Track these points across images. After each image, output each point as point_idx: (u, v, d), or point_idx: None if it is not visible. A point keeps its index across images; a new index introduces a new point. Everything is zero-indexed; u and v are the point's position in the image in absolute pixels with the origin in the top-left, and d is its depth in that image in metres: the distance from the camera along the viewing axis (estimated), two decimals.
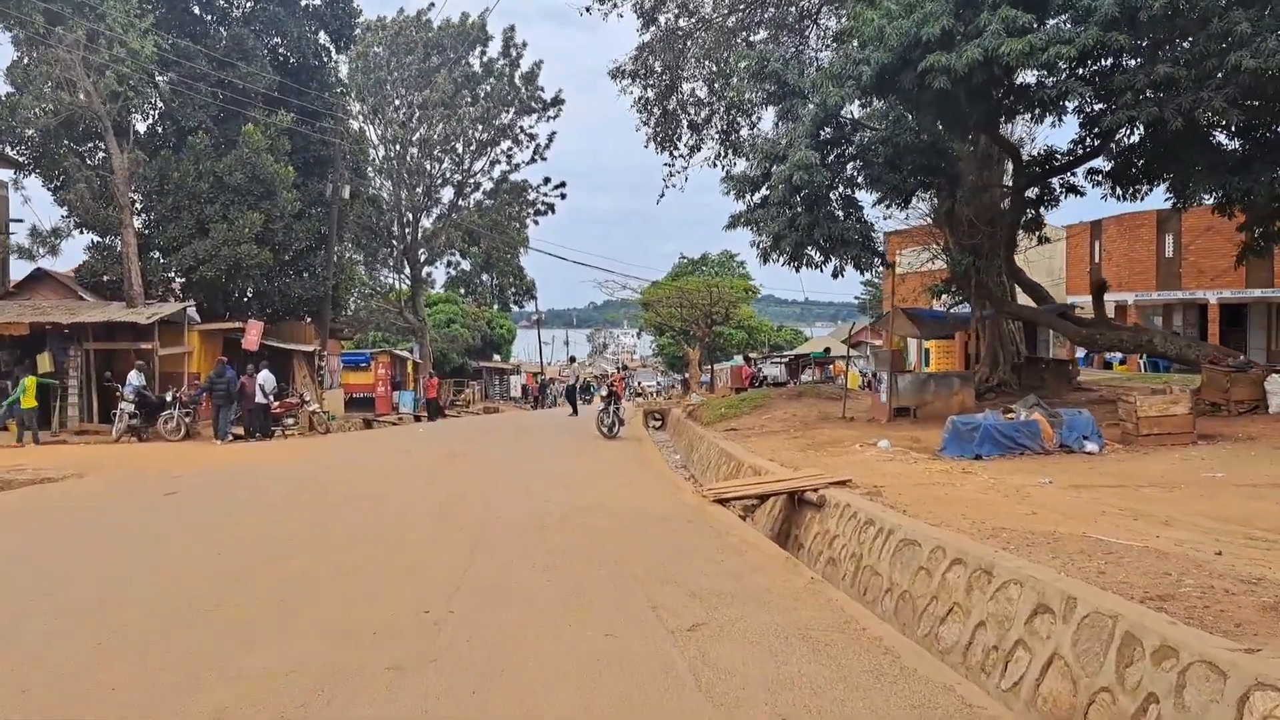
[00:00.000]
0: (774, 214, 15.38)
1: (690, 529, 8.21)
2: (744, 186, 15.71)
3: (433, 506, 9.09)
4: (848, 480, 10.15)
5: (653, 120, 26.14)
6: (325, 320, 26.92)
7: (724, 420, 20.59)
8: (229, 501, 9.92)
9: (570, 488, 10.75)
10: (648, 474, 12.81)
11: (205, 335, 23.26)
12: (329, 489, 10.89)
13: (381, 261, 45.18)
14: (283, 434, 21.12)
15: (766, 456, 13.32)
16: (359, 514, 8.77)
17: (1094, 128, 14.75)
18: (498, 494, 10.19)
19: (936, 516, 8.41)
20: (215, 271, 23.05)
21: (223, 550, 7.16)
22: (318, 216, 26.54)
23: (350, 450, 17.09)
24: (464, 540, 7.34)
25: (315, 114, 26.64)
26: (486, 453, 15.78)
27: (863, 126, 15.84)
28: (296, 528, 8.12)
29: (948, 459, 12.54)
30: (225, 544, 7.44)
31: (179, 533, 8.06)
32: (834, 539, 8.97)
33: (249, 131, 23.66)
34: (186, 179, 23.09)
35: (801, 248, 14.70)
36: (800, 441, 15.31)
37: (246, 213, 23.38)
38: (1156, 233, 30.47)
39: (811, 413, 20.65)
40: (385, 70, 40.42)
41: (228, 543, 7.50)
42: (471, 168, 43.61)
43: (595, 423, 18.67)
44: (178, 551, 7.24)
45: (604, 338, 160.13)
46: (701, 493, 10.30)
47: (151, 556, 7.04)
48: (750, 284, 39.81)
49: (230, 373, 19.78)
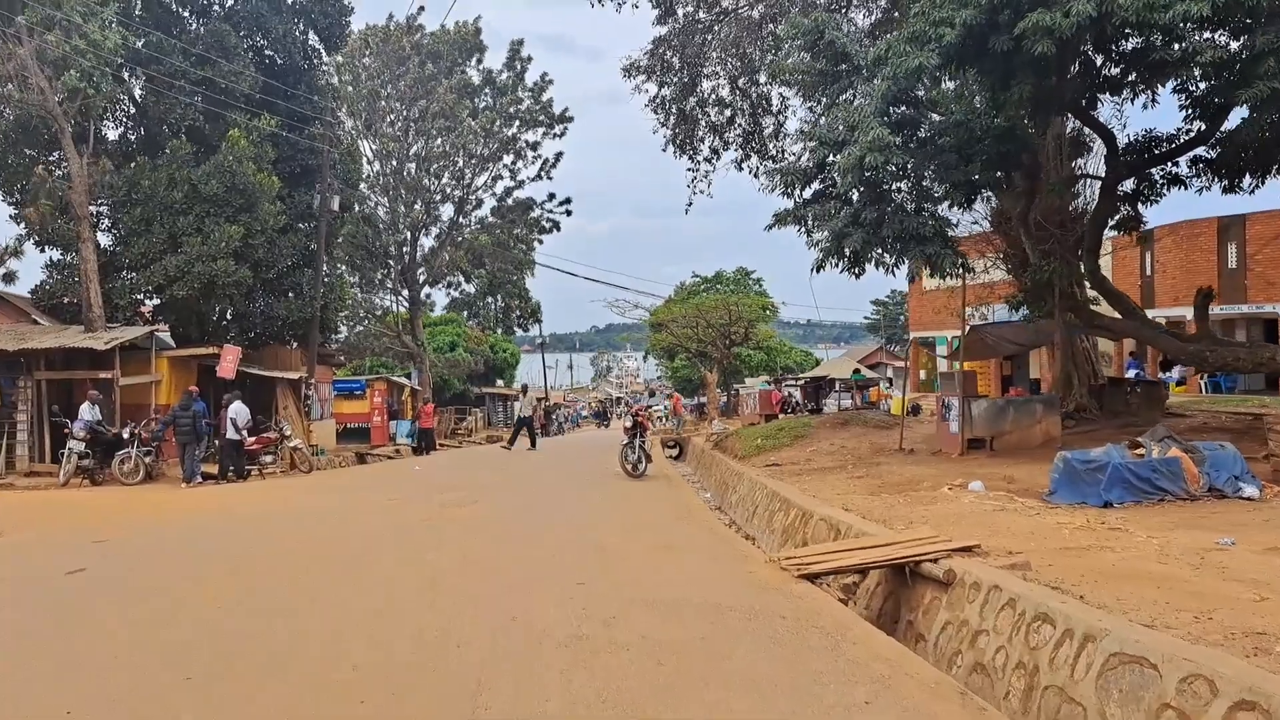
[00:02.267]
0: (833, 209, 12.95)
1: (791, 635, 5.68)
2: (795, 179, 13.29)
3: (419, 601, 6.53)
4: (975, 546, 7.65)
5: (671, 121, 23.83)
6: (313, 345, 24.46)
7: (762, 453, 18.05)
8: (141, 588, 7.33)
9: (605, 558, 8.18)
10: (697, 531, 10.26)
11: (176, 362, 20.81)
12: (285, 564, 8.32)
13: (378, 283, 42.80)
14: (260, 473, 18.59)
15: (835, 503, 10.81)
16: (313, 619, 6.13)
17: (1212, 102, 12.34)
18: (509, 573, 7.62)
19: (1125, 602, 5.95)
20: (188, 291, 20.61)
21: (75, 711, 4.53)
22: (305, 231, 24.18)
23: (330, 497, 14.55)
24: (463, 673, 4.79)
25: (304, 119, 24.36)
26: (491, 500, 13.23)
27: (932, 108, 13.44)
28: (215, 649, 5.54)
29: (1064, 506, 10.04)
30: (85, 693, 4.82)
31: (31, 653, 5.48)
32: (978, 635, 6.44)
33: (233, 136, 21.34)
34: (159, 188, 20.73)
35: (869, 247, 12.25)
36: (868, 482, 12.77)
37: (224, 225, 21.00)
38: (1218, 241, 28.04)
39: (863, 444, 18.12)
40: (378, 81, 38.27)
41: (89, 691, 4.88)
42: (473, 183, 41.36)
43: (619, 459, 16.15)
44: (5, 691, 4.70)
45: (607, 361, 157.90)
46: (780, 564, 7.77)
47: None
48: (770, 301, 37.39)
49: (199, 405, 17.30)
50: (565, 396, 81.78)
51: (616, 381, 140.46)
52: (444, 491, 14.17)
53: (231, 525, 11.26)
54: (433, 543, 8.90)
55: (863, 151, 10.96)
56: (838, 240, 12.43)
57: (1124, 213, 14.26)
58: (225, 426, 17.54)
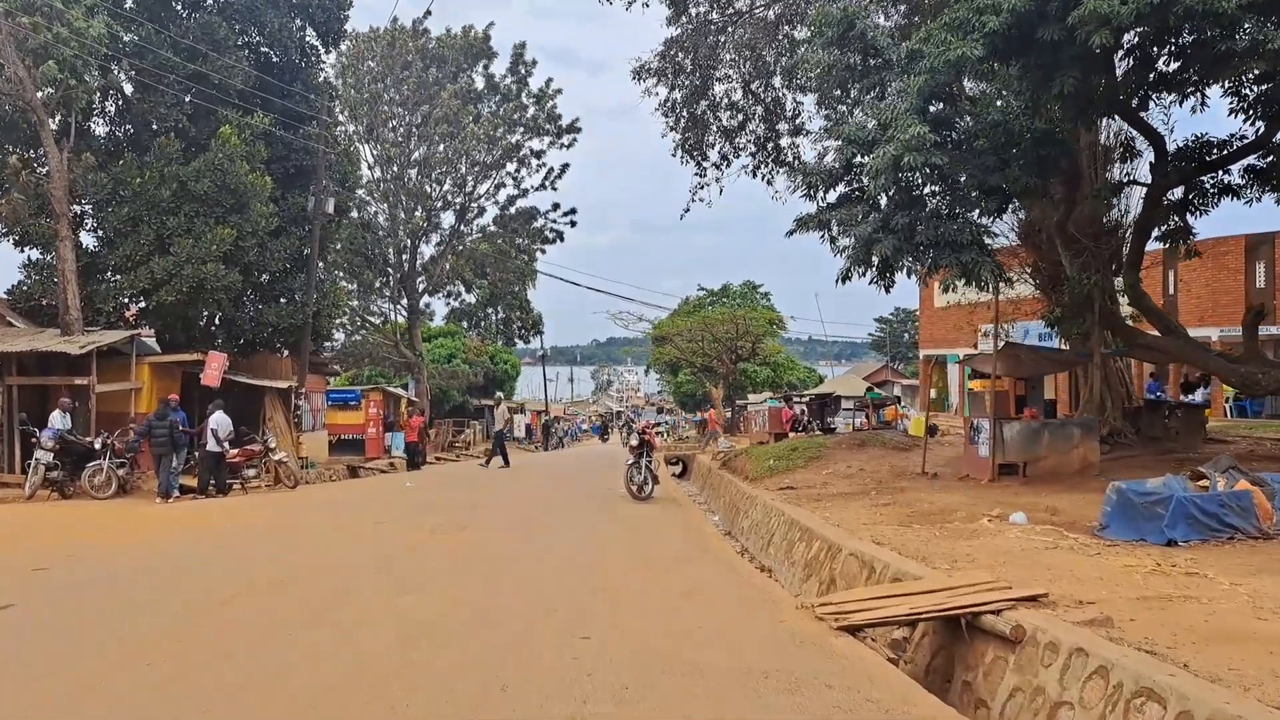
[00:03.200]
0: (860, 214, 11.93)
1: (843, 714, 4.62)
2: (819, 181, 12.28)
3: (387, 666, 5.42)
4: (1042, 595, 6.61)
5: (680, 125, 22.88)
6: (304, 352, 23.43)
7: (775, 475, 16.96)
8: (63, 639, 6.25)
9: (613, 604, 7.09)
10: (714, 567, 9.18)
11: (158, 369, 19.77)
12: (238, 610, 7.23)
13: (377, 291, 41.82)
14: (243, 487, 17.52)
15: (864, 535, 9.76)
16: (249, 699, 4.94)
17: (1276, 102, 11.35)
18: (499, 625, 6.52)
19: (1239, 672, 5.04)
20: (175, 295, 19.61)
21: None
22: (298, 235, 23.20)
23: (312, 516, 13.48)
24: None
25: (299, 117, 23.43)
26: (484, 525, 12.16)
27: (971, 105, 12.45)
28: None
29: (1122, 543, 9.00)
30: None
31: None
32: (1059, 708, 5.45)
33: (225, 134, 20.40)
34: (147, 186, 19.75)
35: (901, 254, 11.22)
36: (895, 511, 11.69)
37: (214, 227, 20.02)
38: (1245, 260, 26.98)
39: (882, 467, 17.05)
40: (380, 84, 37.40)
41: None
42: (475, 190, 40.43)
43: (624, 479, 15.06)
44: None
45: (608, 375, 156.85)
46: (815, 612, 6.70)
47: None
48: (777, 315, 36.30)
49: (178, 414, 16.26)
50: (565, 410, 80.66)
51: (617, 395, 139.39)
52: (433, 512, 13.10)
53: (193, 552, 10.19)
54: (414, 580, 7.82)
55: (899, 150, 9.95)
56: (866, 247, 11.40)
57: (1172, 224, 13.24)
58: (206, 437, 16.49)
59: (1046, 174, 13.18)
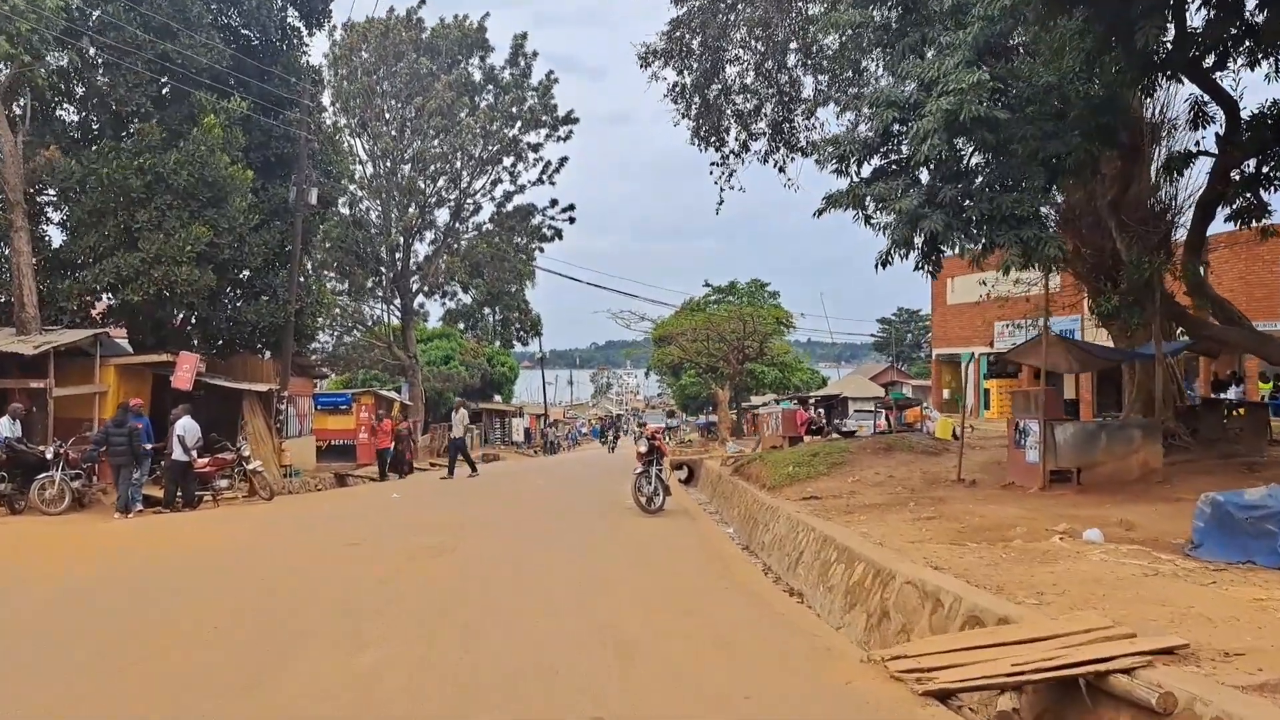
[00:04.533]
0: (901, 187, 10.47)
1: None
2: (853, 153, 10.82)
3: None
4: (1181, 646, 5.14)
5: (693, 111, 21.41)
6: (287, 353, 21.94)
7: (795, 483, 15.45)
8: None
9: (627, 661, 5.56)
10: (746, 602, 7.70)
11: (126, 371, 18.28)
12: (172, 658, 5.74)
13: (369, 292, 40.35)
14: (214, 500, 16.04)
15: (913, 555, 8.29)
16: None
17: None
18: (481, 695, 5.04)
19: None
20: (141, 295, 18.10)
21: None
22: (279, 228, 21.72)
23: (282, 535, 12.00)
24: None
25: (280, 102, 21.97)
26: (472, 547, 10.67)
27: (1022, 64, 10.98)
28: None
29: (1222, 565, 7.54)
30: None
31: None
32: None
33: (209, 123, 18.91)
34: (117, 175, 18.22)
35: (950, 231, 9.79)
36: (941, 526, 10.19)
37: (189, 223, 18.48)
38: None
39: (913, 473, 15.56)
40: (373, 76, 35.99)
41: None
42: (471, 186, 38.99)
43: (631, 490, 13.56)
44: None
45: (607, 378, 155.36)
46: (889, 669, 5.24)
47: None
48: (787, 314, 34.84)
49: (140, 420, 14.79)
50: (565, 413, 79.17)
51: (616, 398, 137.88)
52: (417, 531, 11.62)
53: (134, 582, 8.72)
54: (380, 627, 6.31)
55: (955, 104, 8.50)
56: (911, 224, 9.94)
57: (1244, 201, 11.77)
58: (172, 445, 15.02)
59: (1107, 144, 11.73)
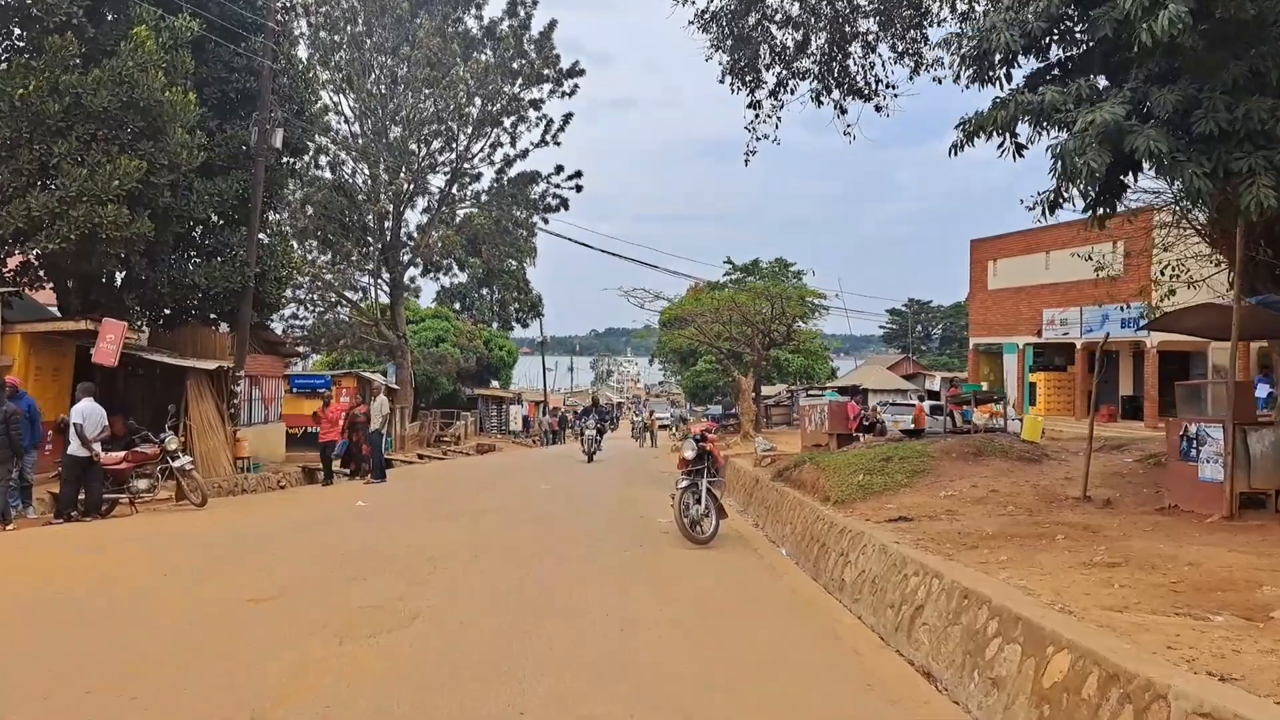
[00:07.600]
0: (1084, 91, 7.04)
1: None
2: (1011, 47, 7.39)
3: None
4: None
5: (727, 45, 17.90)
6: (244, 325, 18.45)
7: (869, 496, 12.01)
8: None
9: None
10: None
11: (37, 341, 14.88)
12: None
13: (355, 265, 36.88)
14: (130, 505, 12.62)
15: (1144, 641, 4.87)
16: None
17: None
18: None
19: None
20: (59, 242, 14.69)
21: None
22: (239, 178, 18.27)
23: (181, 573, 8.54)
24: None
25: (244, 25, 18.46)
26: (442, 605, 7.21)
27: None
28: None
29: None
30: None
31: None
32: None
33: (140, 35, 15.50)
34: (32, 99, 14.78)
35: (1174, 152, 6.41)
36: (1135, 578, 6.66)
37: (116, 156, 15.08)
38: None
39: (1019, 486, 12.11)
40: (360, 28, 32.40)
41: None
42: (469, 149, 35.46)
43: (674, 509, 9.91)
44: None
45: (607, 365, 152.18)
46: None
47: None
48: (818, 293, 31.37)
49: (21, 404, 11.37)
50: (565, 400, 75.83)
51: (616, 386, 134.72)
52: (365, 570, 8.18)
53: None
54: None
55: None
56: (1113, 140, 6.51)
57: None
58: (70, 435, 11.61)
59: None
